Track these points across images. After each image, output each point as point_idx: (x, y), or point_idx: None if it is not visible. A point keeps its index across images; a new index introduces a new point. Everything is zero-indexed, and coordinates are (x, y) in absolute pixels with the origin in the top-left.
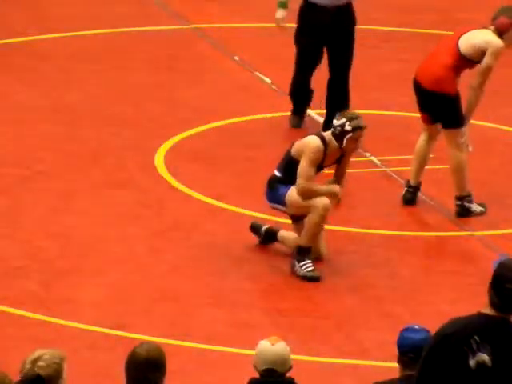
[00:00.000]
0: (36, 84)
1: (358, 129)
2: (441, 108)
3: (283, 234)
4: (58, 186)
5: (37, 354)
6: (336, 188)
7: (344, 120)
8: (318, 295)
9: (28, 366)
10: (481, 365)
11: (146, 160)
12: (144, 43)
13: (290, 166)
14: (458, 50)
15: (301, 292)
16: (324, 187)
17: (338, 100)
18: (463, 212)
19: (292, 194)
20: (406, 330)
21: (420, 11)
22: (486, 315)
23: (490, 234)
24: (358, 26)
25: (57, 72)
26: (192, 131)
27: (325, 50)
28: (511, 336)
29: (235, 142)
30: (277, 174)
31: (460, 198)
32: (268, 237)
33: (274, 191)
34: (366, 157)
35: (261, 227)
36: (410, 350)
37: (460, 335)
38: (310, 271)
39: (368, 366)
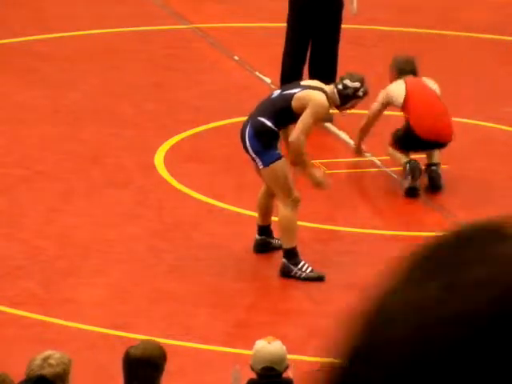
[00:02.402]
0: (36, 84)
1: (365, 95)
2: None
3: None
4: (57, 186)
5: (47, 352)
6: (321, 180)
7: (359, 84)
8: (318, 295)
9: (38, 362)
10: None
11: (146, 160)
12: (144, 43)
13: (285, 117)
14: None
15: (300, 292)
16: (313, 169)
17: (323, 71)
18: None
19: (279, 167)
20: None
21: (419, 11)
22: None
23: None
24: (359, 27)
25: (56, 72)
26: (192, 131)
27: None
28: None
29: (235, 142)
30: (267, 122)
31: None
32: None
33: (266, 146)
34: (365, 157)
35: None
36: None
37: None
38: (311, 271)
39: None
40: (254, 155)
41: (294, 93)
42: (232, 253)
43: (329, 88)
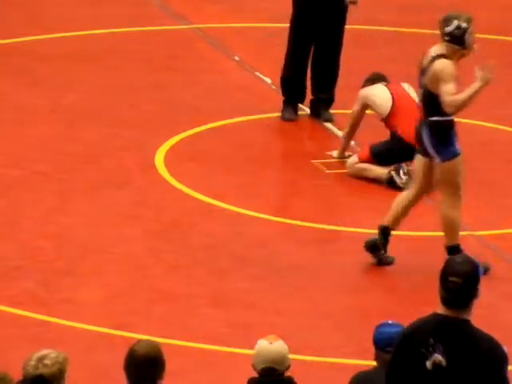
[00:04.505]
0: (35, 84)
1: (471, 20)
2: None
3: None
4: (56, 186)
5: (43, 352)
6: (485, 76)
7: (456, 22)
8: (318, 295)
9: (33, 363)
10: (437, 365)
11: (146, 160)
12: (143, 43)
13: (437, 102)
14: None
15: (300, 292)
16: (473, 87)
17: (325, 74)
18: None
19: (454, 164)
20: (381, 325)
21: (420, 11)
22: (439, 315)
23: (488, 234)
24: (360, 27)
25: (56, 72)
26: (191, 131)
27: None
28: (463, 335)
29: (235, 142)
30: (436, 118)
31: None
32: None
33: (443, 142)
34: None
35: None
36: (388, 344)
37: (417, 337)
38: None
39: (368, 366)
40: (433, 153)
41: (425, 82)
42: (231, 253)
43: (441, 49)
